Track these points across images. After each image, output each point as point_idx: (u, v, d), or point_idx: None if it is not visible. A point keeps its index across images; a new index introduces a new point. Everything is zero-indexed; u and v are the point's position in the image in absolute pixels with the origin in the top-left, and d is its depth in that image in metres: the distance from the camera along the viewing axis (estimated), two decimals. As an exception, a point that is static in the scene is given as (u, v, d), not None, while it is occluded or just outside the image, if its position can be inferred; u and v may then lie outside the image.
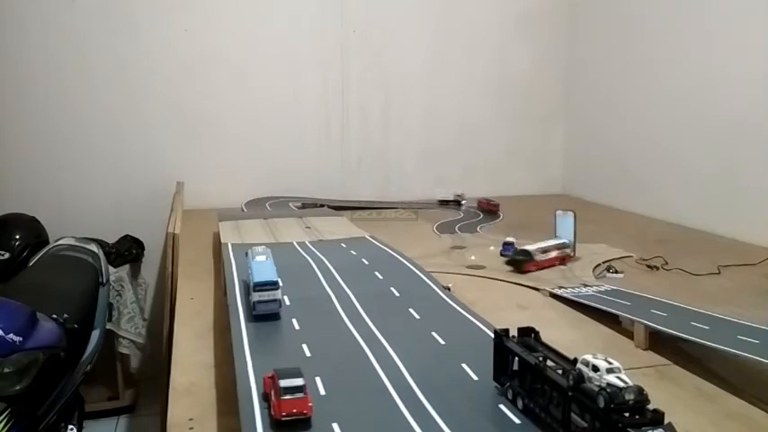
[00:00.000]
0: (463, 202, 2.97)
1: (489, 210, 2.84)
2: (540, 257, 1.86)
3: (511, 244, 2.07)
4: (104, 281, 2.40)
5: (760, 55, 2.28)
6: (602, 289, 1.64)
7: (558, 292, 1.62)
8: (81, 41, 2.95)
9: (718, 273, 1.88)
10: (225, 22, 3.07)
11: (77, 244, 2.55)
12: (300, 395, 0.78)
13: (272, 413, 0.78)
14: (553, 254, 1.90)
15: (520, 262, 1.84)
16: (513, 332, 0.88)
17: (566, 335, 1.35)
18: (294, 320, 1.14)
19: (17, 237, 2.63)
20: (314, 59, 3.18)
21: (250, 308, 1.16)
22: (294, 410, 0.77)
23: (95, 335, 2.14)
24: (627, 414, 0.65)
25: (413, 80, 3.34)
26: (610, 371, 0.69)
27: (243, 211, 2.73)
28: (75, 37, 2.94)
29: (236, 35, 3.08)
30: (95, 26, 2.96)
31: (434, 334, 1.08)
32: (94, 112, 2.99)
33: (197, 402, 1.12)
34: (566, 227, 1.98)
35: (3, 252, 2.56)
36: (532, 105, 3.52)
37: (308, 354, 1.00)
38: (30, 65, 2.94)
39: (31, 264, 2.40)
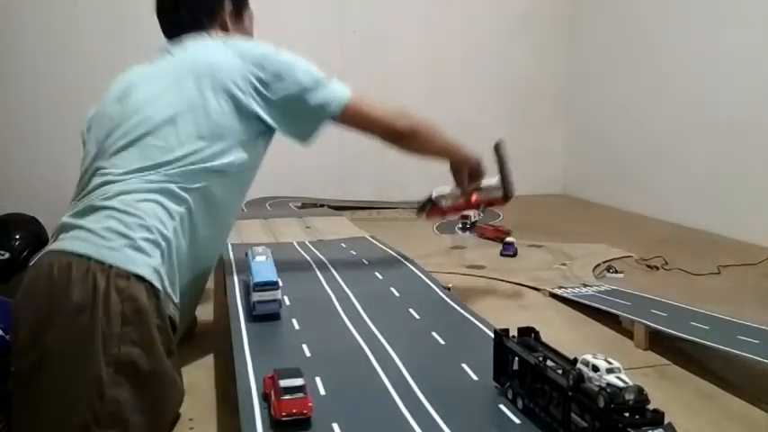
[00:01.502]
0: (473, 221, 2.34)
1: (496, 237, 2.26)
2: (446, 203, 1.58)
3: (511, 244, 2.07)
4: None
5: (760, 55, 2.28)
6: (602, 289, 1.64)
7: (558, 292, 1.62)
8: (83, 42, 2.95)
9: (718, 273, 1.88)
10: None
11: (77, 244, 2.54)
12: (300, 395, 0.78)
13: (272, 413, 0.78)
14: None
15: (422, 208, 1.62)
16: (513, 332, 0.88)
17: (566, 335, 1.35)
18: (294, 320, 1.14)
19: (17, 237, 2.62)
20: (314, 59, 3.17)
21: (250, 308, 1.16)
22: (294, 410, 0.77)
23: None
24: (627, 414, 0.65)
25: (413, 80, 3.34)
26: (610, 371, 0.69)
27: (243, 211, 2.72)
28: (77, 38, 2.94)
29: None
30: (98, 27, 2.95)
31: (434, 334, 1.08)
32: (94, 112, 2.99)
33: (197, 402, 1.12)
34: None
35: (3, 252, 2.56)
36: (532, 105, 3.52)
37: (307, 354, 1.00)
38: (31, 65, 2.93)
39: (31, 264, 2.40)
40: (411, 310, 1.21)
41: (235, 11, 1.39)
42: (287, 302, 1.22)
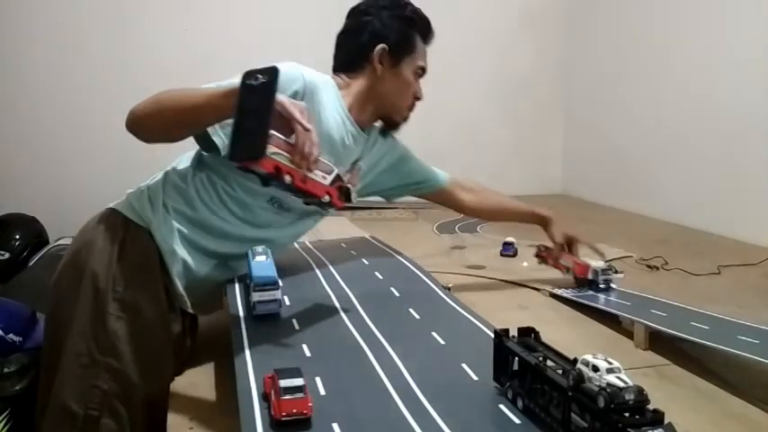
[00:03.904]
0: (613, 285, 1.65)
1: None
2: None
3: (511, 244, 2.07)
4: (104, 281, 2.40)
5: (761, 55, 2.28)
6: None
7: (558, 292, 1.62)
8: (82, 41, 2.95)
9: (718, 273, 1.88)
10: (225, 22, 3.07)
11: (77, 244, 2.54)
12: (300, 395, 0.78)
13: (272, 413, 0.78)
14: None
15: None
16: (513, 332, 0.88)
17: (566, 335, 1.35)
18: (294, 320, 1.14)
19: (17, 237, 2.63)
20: (314, 59, 3.16)
21: (250, 308, 1.16)
22: (294, 410, 0.77)
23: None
24: (627, 414, 0.65)
25: (413, 80, 3.33)
26: (610, 371, 0.69)
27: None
28: (76, 37, 2.94)
29: (236, 35, 3.08)
30: (96, 26, 2.96)
31: (434, 334, 1.08)
32: (95, 112, 2.99)
33: (197, 402, 1.12)
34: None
35: (3, 252, 2.56)
36: (532, 105, 3.52)
37: (308, 354, 1.00)
38: (30, 65, 2.93)
39: (31, 264, 2.40)
40: (411, 310, 1.21)
41: (391, 54, 1.38)
42: (287, 302, 1.22)
